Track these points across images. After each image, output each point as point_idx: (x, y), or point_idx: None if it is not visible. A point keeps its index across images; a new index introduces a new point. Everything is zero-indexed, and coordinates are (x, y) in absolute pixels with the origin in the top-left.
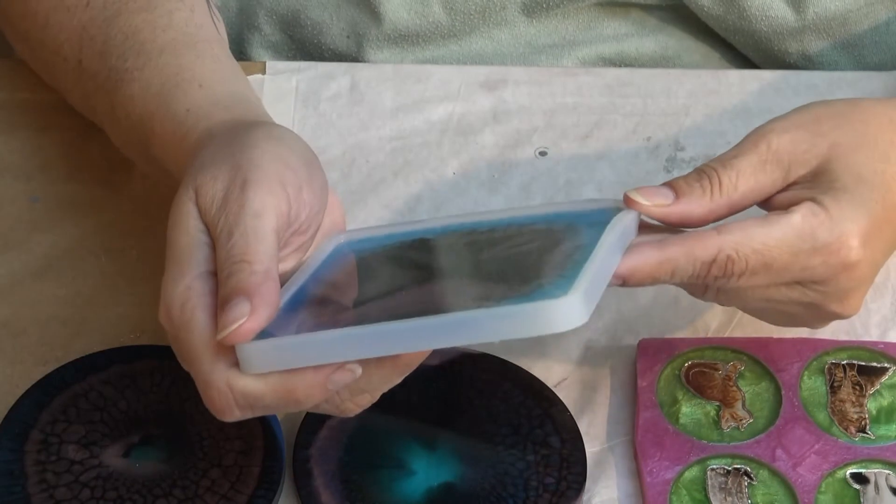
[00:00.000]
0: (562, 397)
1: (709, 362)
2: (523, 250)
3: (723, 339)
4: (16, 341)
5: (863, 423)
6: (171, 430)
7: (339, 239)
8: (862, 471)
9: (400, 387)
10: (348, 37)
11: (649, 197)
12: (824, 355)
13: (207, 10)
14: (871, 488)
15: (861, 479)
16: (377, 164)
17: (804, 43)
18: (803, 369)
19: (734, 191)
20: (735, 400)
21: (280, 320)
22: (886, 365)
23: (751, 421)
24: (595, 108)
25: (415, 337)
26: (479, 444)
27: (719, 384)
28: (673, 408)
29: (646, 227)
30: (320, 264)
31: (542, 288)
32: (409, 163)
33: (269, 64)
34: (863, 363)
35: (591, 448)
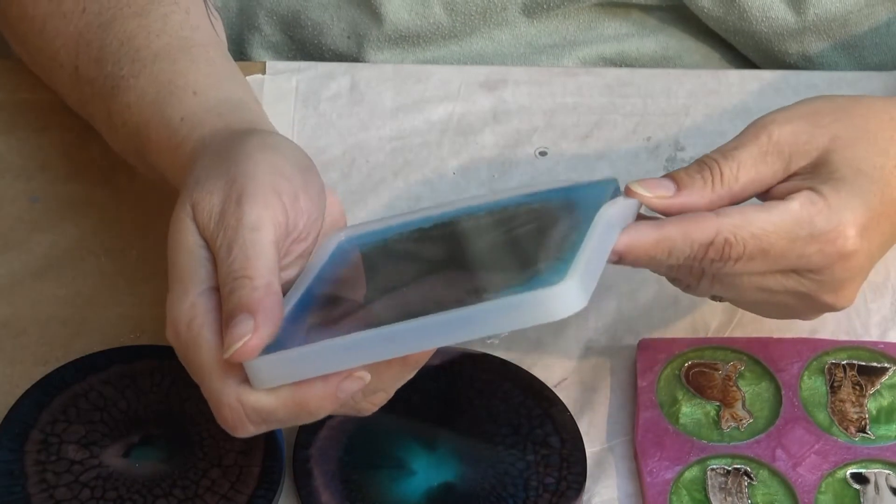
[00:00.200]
0: (562, 397)
1: (709, 362)
2: (521, 233)
3: (723, 339)
4: (16, 341)
5: (863, 423)
6: (171, 430)
7: (339, 237)
8: (862, 471)
9: (400, 387)
10: (349, 37)
11: (651, 188)
12: (824, 355)
13: (204, 10)
14: (871, 488)
15: (861, 479)
16: (377, 164)
17: (804, 44)
18: (803, 369)
19: (735, 182)
20: (735, 400)
21: (288, 328)
22: (886, 365)
23: (751, 421)
24: (595, 108)
25: (417, 338)
26: (479, 444)
27: (719, 384)
28: (673, 408)
29: (643, 219)
30: (323, 265)
31: (539, 274)
32: (409, 163)
33: (269, 64)
34: (863, 363)
35: (591, 448)
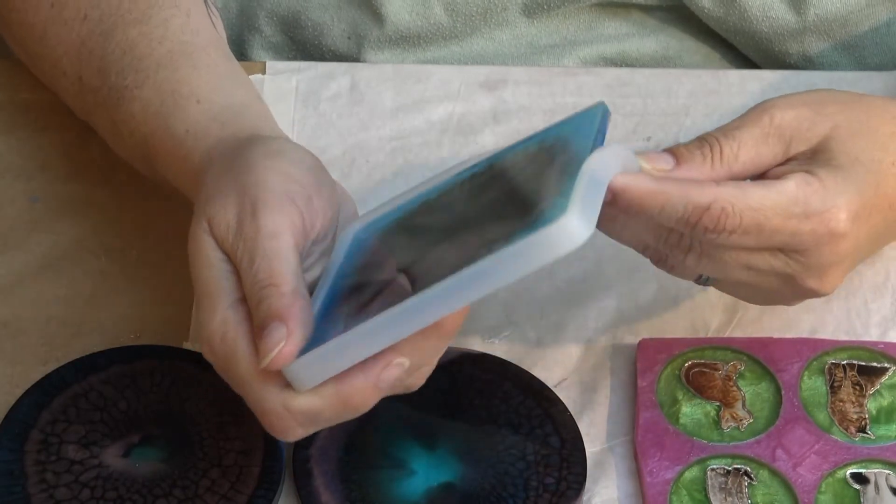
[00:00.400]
0: (562, 397)
1: (709, 362)
2: (520, 181)
3: (723, 339)
4: (16, 341)
5: (863, 423)
6: (171, 430)
7: (354, 228)
8: (862, 471)
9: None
10: (349, 38)
11: (651, 160)
12: (824, 355)
13: (205, 10)
14: (871, 488)
15: (861, 479)
16: (377, 164)
17: (805, 44)
18: (803, 369)
19: (735, 161)
20: (735, 400)
21: (320, 327)
22: (886, 365)
23: (751, 421)
24: None
25: (440, 303)
26: (479, 444)
27: (719, 384)
28: (673, 408)
29: None
30: (344, 258)
31: (542, 213)
32: (409, 163)
33: (269, 64)
34: (863, 363)
35: (591, 448)
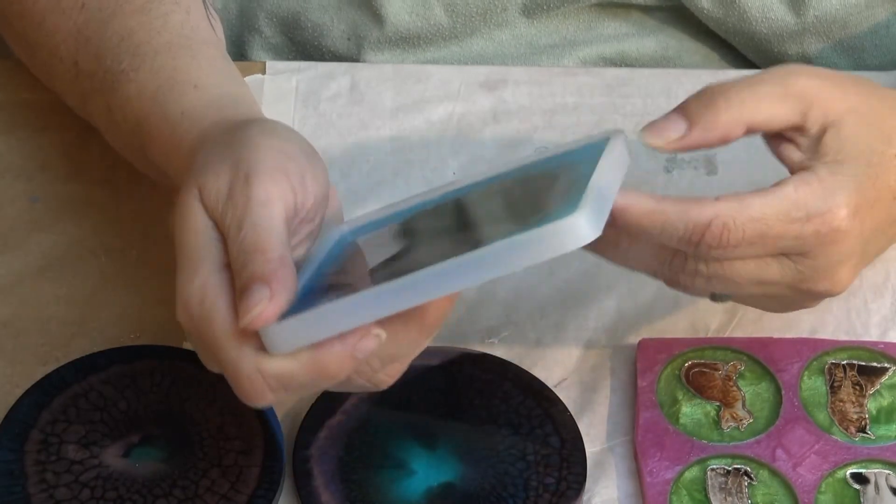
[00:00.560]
0: (562, 397)
1: (709, 362)
2: (524, 193)
3: (723, 339)
4: (16, 341)
5: (863, 423)
6: (171, 430)
7: (340, 229)
8: (862, 471)
9: (400, 387)
10: (349, 39)
11: (660, 133)
12: (824, 355)
13: (204, 11)
14: (871, 488)
15: (861, 479)
16: (377, 164)
17: (804, 45)
18: (803, 369)
19: (751, 115)
20: (735, 400)
21: (297, 306)
22: (886, 365)
23: (751, 421)
24: (595, 108)
25: (433, 283)
26: (479, 444)
27: (719, 384)
28: (673, 408)
29: None
30: (325, 255)
31: (550, 213)
32: (409, 163)
33: (269, 64)
34: (863, 363)
35: (591, 448)
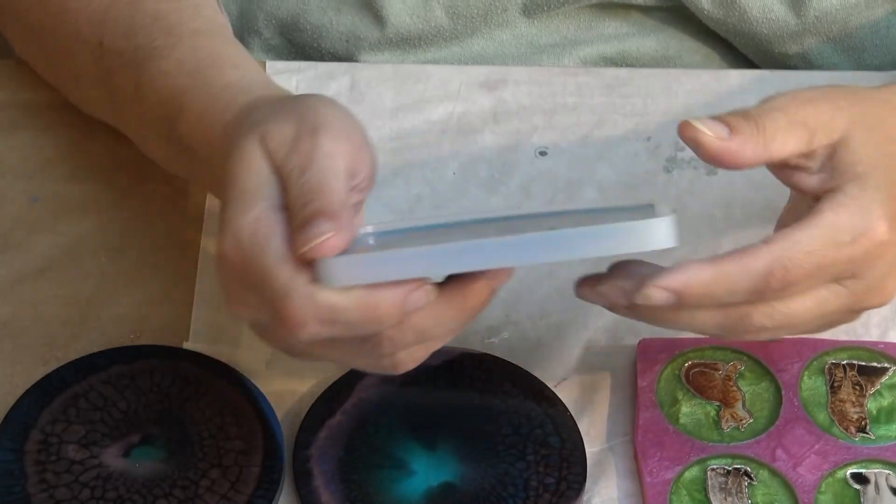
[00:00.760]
0: (562, 397)
1: (709, 362)
2: (578, 216)
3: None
4: (16, 341)
5: (863, 423)
6: (171, 430)
7: (365, 229)
8: (862, 471)
9: (400, 387)
10: (347, 41)
11: (709, 127)
12: (824, 355)
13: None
14: (871, 488)
15: (861, 479)
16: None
17: (804, 45)
18: (803, 369)
19: (774, 141)
20: (735, 400)
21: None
22: (886, 365)
23: (751, 421)
24: (595, 108)
25: (501, 251)
26: (479, 444)
27: (719, 384)
28: (673, 408)
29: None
30: None
31: (635, 215)
32: (409, 163)
33: (269, 64)
34: (863, 363)
35: (591, 448)
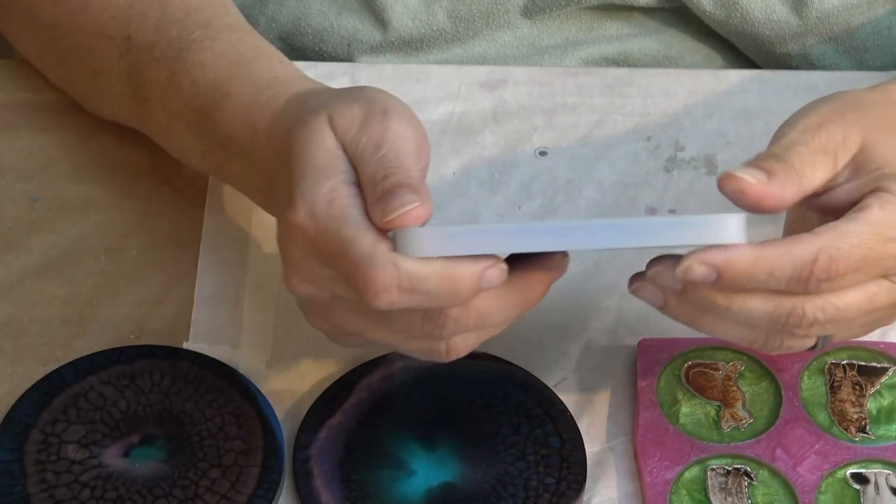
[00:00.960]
0: (562, 397)
1: (709, 362)
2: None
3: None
4: (16, 341)
5: (863, 423)
6: (171, 430)
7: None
8: (862, 471)
9: (400, 387)
10: (349, 44)
11: (749, 173)
12: (824, 355)
13: None
14: (871, 488)
15: (861, 479)
16: None
17: (806, 46)
18: (803, 369)
19: (804, 176)
20: (735, 400)
21: None
22: (886, 365)
23: (751, 421)
24: (595, 108)
25: (582, 233)
26: (479, 444)
27: (719, 384)
28: (673, 408)
29: None
30: None
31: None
32: None
33: None
34: (863, 363)
35: (591, 448)
